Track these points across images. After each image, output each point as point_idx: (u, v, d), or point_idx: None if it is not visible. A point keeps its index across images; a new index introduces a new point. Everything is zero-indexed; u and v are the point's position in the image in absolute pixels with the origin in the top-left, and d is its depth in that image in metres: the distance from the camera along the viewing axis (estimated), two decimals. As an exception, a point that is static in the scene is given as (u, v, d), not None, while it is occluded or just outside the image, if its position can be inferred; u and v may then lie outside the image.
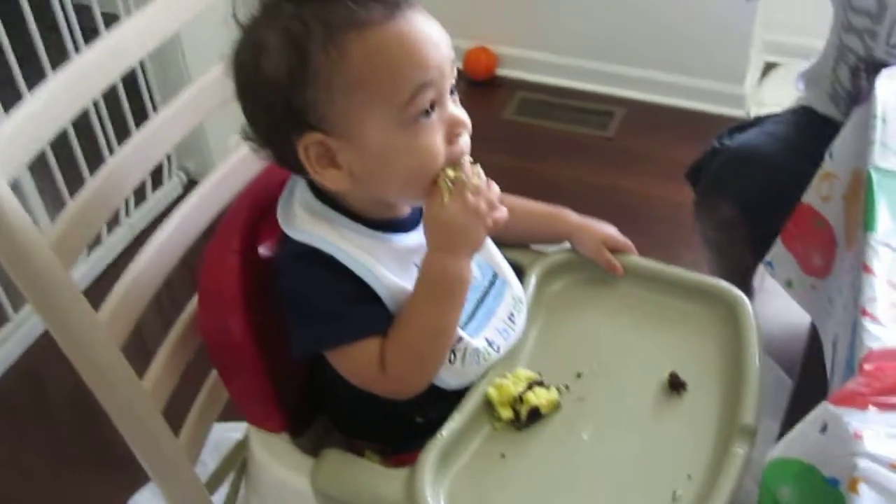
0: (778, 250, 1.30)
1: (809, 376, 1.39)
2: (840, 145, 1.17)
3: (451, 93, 0.85)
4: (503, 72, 2.84)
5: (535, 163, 2.49)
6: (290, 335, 0.87)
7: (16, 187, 0.72)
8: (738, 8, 2.40)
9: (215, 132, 2.32)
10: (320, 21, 0.78)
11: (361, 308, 0.86)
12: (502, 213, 0.88)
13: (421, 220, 0.91)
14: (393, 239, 0.89)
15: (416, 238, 0.90)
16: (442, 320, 0.86)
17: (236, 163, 1.02)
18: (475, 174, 0.86)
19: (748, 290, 1.85)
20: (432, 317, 0.86)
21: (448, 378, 0.90)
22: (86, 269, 2.10)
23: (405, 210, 0.92)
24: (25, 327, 2.06)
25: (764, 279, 1.96)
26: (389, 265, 0.87)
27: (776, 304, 1.96)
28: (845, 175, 1.15)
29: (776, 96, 2.54)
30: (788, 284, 1.30)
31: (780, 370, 1.77)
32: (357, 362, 0.87)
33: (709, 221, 1.65)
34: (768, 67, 2.75)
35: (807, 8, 1.54)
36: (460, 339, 0.89)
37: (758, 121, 1.68)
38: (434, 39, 0.81)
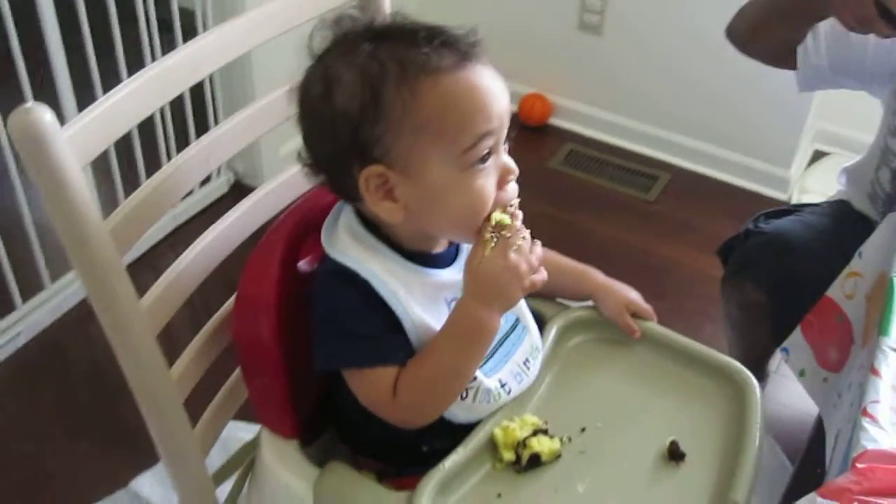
0: (795, 338, 1.32)
1: (810, 465, 1.40)
2: (870, 246, 1.20)
3: (504, 142, 0.89)
4: (556, 121, 2.89)
5: (574, 215, 2.52)
6: (315, 348, 0.91)
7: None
8: (795, 91, 2.43)
9: (268, 139, 2.38)
10: (396, 63, 0.82)
11: (386, 336, 0.90)
12: (542, 276, 0.92)
13: (456, 258, 0.95)
14: (428, 273, 0.93)
15: (449, 275, 0.94)
16: (462, 363, 0.90)
17: (288, 178, 1.07)
18: (521, 233, 0.90)
19: (763, 372, 1.88)
20: (453, 358, 0.90)
21: (458, 412, 0.94)
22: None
23: (444, 245, 0.96)
24: (58, 298, 2.12)
25: (780, 364, 1.98)
26: (420, 298, 0.91)
27: (789, 389, 1.98)
28: (871, 276, 1.18)
29: (821, 185, 2.56)
30: (801, 374, 1.32)
31: (783, 455, 1.78)
32: (371, 386, 0.90)
33: (734, 300, 1.67)
34: (817, 155, 2.77)
35: (863, 102, 1.57)
36: (475, 377, 0.93)
37: (795, 208, 1.71)
38: (498, 91, 0.86)
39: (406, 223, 0.89)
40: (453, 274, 0.94)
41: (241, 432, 1.55)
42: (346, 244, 0.91)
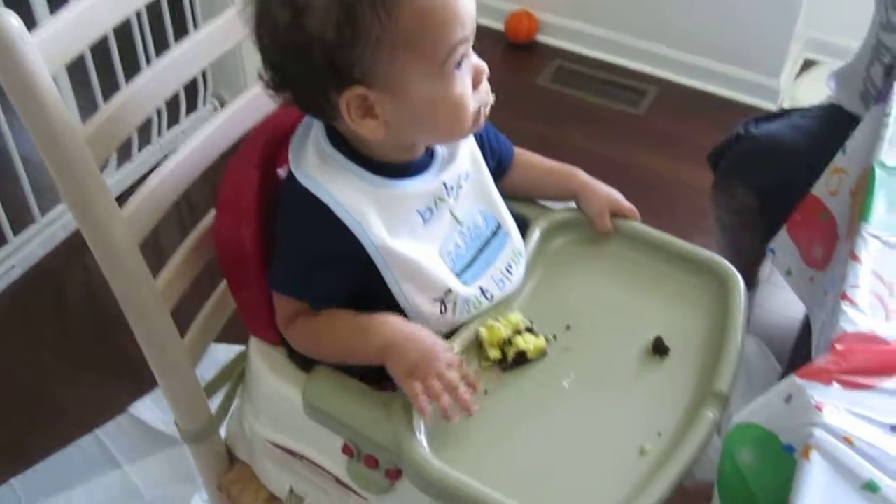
0: (781, 238, 1.33)
1: (798, 363, 1.42)
2: (854, 142, 1.20)
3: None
4: (543, 38, 2.86)
5: (562, 131, 2.51)
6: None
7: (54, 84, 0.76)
8: (784, 1, 2.40)
9: (252, 61, 2.35)
10: None
11: (315, 273, 0.92)
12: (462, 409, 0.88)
13: (430, 164, 0.95)
14: (398, 185, 0.92)
15: (421, 183, 0.94)
16: (346, 356, 0.93)
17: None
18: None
19: (754, 279, 1.89)
20: (346, 348, 0.92)
21: (439, 326, 0.94)
22: (113, 182, 2.16)
23: (420, 152, 0.95)
24: (49, 230, 2.13)
25: (772, 273, 1.99)
26: (389, 217, 0.90)
27: (780, 297, 2.00)
28: (855, 171, 1.18)
29: (811, 94, 2.54)
30: (788, 273, 1.33)
31: (774, 358, 1.80)
32: (277, 306, 0.95)
33: (724, 205, 1.67)
34: (807, 64, 2.75)
35: (853, 9, 1.55)
36: (450, 290, 0.93)
37: (785, 113, 1.70)
38: None
39: (386, 136, 0.89)
40: (426, 182, 0.94)
41: (230, 355, 1.57)
42: (312, 164, 0.90)
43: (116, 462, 1.70)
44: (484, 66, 0.90)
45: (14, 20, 0.72)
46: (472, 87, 0.89)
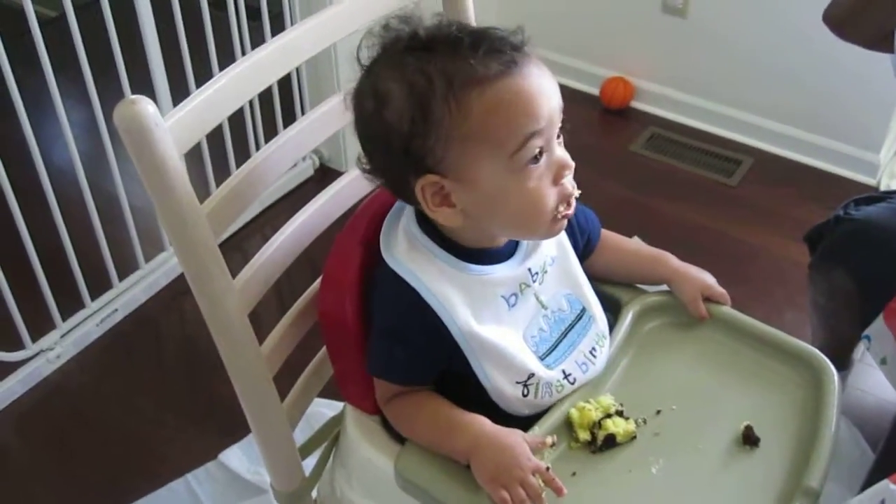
0: (878, 326, 1.32)
1: (890, 454, 1.39)
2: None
3: (557, 137, 0.91)
4: (638, 104, 2.87)
5: (654, 199, 2.51)
6: None
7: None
8: (886, 75, 2.37)
9: (352, 138, 2.45)
10: (443, 77, 0.84)
11: (408, 355, 0.95)
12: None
13: (515, 251, 0.98)
14: (483, 272, 0.95)
15: (506, 270, 0.96)
16: (437, 447, 0.95)
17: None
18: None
19: (848, 361, 1.85)
20: (435, 439, 0.95)
21: (521, 408, 0.97)
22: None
23: (503, 241, 0.98)
24: (152, 277, 2.22)
25: (865, 353, 1.95)
26: (475, 302, 0.93)
27: (873, 378, 1.95)
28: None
29: (911, 170, 2.50)
30: (883, 361, 1.32)
31: (865, 442, 1.76)
32: (376, 386, 0.99)
33: (821, 287, 1.65)
34: (909, 139, 2.70)
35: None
36: (532, 374, 0.95)
37: (886, 195, 1.68)
38: (546, 92, 0.87)
39: (466, 226, 0.92)
40: (511, 269, 0.97)
41: (325, 409, 1.61)
42: (402, 249, 0.94)
43: (205, 507, 1.74)
44: (567, 159, 0.91)
45: (150, 107, 0.78)
46: (554, 181, 0.90)
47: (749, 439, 0.97)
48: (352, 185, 1.09)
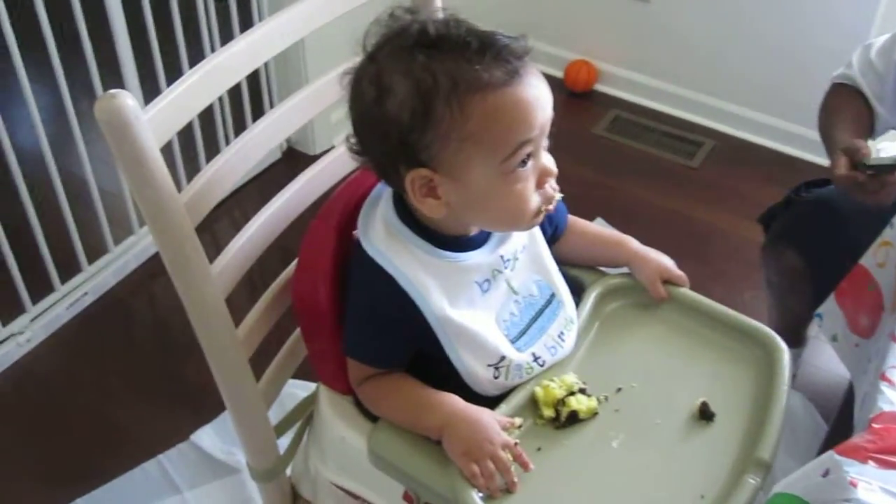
0: (829, 305, 1.37)
1: (843, 426, 1.45)
2: (902, 217, 1.24)
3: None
4: (601, 87, 2.92)
5: (617, 180, 2.56)
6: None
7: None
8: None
9: (323, 125, 2.53)
10: (449, 78, 0.87)
11: (379, 338, 0.99)
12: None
13: (489, 238, 1.01)
14: (458, 259, 0.98)
15: (480, 257, 1.00)
16: (409, 426, 0.99)
17: (341, 154, 1.12)
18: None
19: (802, 337, 1.92)
20: (408, 417, 0.99)
21: (491, 389, 1.01)
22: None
23: (476, 229, 1.02)
24: (121, 260, 2.23)
25: (819, 330, 2.01)
26: (451, 288, 0.97)
27: (827, 353, 2.01)
28: (901, 246, 1.22)
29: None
30: (833, 339, 1.37)
31: (819, 415, 1.83)
32: (349, 367, 1.03)
33: (774, 267, 1.70)
34: (865, 123, 2.76)
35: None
36: (504, 357, 1.00)
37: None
38: (542, 103, 0.91)
39: (447, 217, 0.95)
40: (485, 255, 1.00)
41: (298, 390, 1.64)
42: (380, 237, 0.97)
43: (177, 488, 1.77)
44: (551, 166, 0.95)
45: (130, 100, 0.80)
46: (538, 185, 0.94)
47: (705, 414, 1.01)
48: (322, 174, 1.11)
